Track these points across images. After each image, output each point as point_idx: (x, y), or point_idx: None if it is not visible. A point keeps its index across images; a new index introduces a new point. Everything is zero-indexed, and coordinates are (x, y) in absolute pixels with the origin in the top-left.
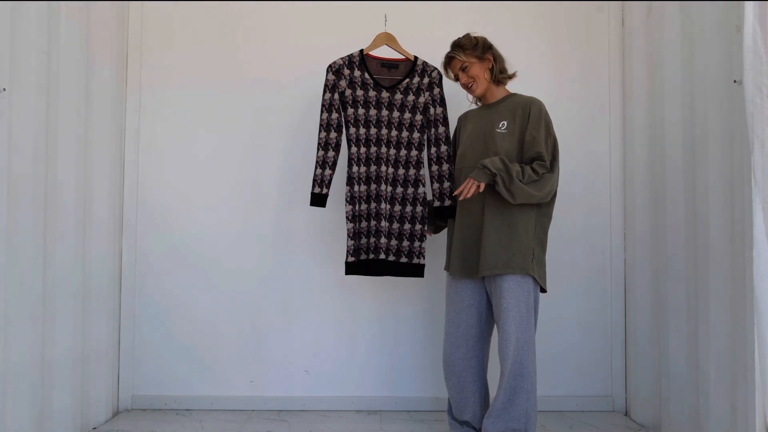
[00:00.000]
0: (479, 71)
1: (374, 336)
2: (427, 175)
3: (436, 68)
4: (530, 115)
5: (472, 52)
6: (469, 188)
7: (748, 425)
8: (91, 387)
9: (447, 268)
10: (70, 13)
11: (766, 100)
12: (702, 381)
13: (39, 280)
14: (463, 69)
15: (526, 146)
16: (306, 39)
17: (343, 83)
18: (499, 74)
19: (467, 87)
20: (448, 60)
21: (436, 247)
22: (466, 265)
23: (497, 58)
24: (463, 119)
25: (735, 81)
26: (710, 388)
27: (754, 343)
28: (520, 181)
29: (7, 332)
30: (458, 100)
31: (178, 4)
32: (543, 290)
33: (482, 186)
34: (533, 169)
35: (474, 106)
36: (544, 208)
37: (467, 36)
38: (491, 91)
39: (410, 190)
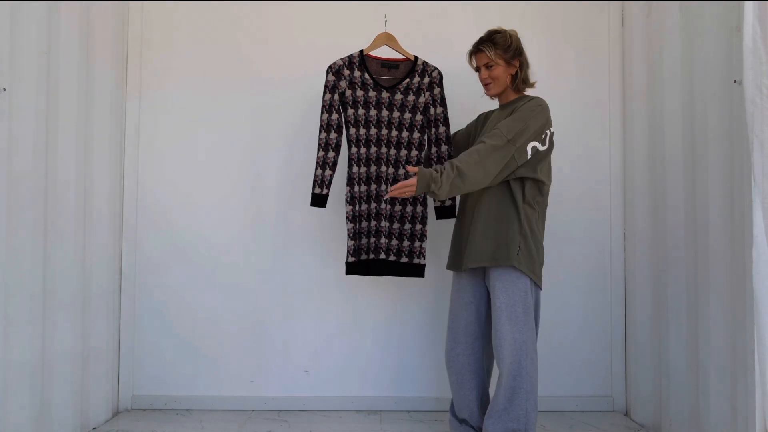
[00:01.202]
0: (502, 74)
1: (375, 336)
2: None
3: (436, 68)
4: (520, 107)
5: (503, 53)
6: (400, 191)
7: (748, 425)
8: (91, 387)
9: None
10: (69, 13)
11: (766, 100)
12: (702, 381)
13: (39, 280)
14: (488, 66)
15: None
16: (306, 39)
17: (343, 84)
18: (521, 83)
19: (484, 84)
20: (476, 50)
21: (437, 247)
22: (458, 260)
23: (523, 66)
24: (483, 118)
25: (735, 81)
26: (710, 388)
27: (754, 343)
28: (459, 176)
29: (7, 332)
30: (459, 100)
31: (179, 3)
32: (538, 286)
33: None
34: (472, 150)
35: (486, 98)
36: (528, 205)
37: (504, 34)
38: (507, 93)
39: None
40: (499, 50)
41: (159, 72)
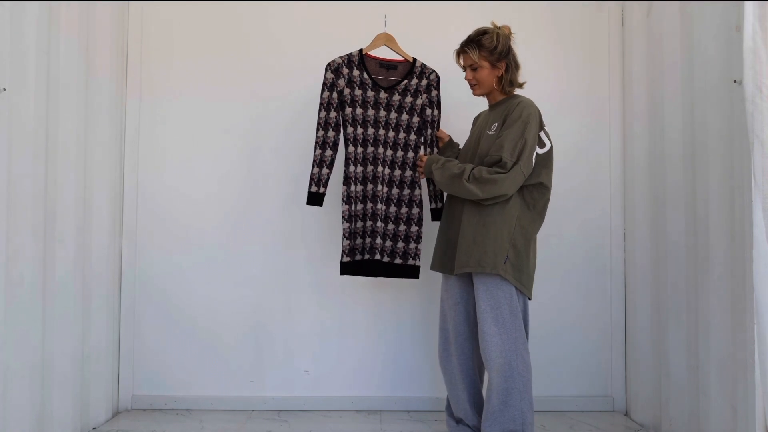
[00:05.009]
0: (487, 77)
1: (374, 336)
2: None
3: (434, 71)
4: (510, 115)
5: (488, 55)
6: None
7: (748, 425)
8: (91, 387)
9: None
10: (70, 14)
11: (766, 100)
12: (702, 381)
13: (39, 280)
14: (473, 68)
15: (494, 146)
16: (306, 40)
17: (341, 82)
18: (508, 85)
19: (470, 85)
20: (462, 51)
21: (433, 249)
22: (444, 262)
23: (510, 68)
24: (475, 120)
25: (735, 81)
26: (710, 388)
27: (754, 343)
28: (465, 179)
29: (7, 332)
30: (458, 101)
31: (179, 4)
32: (528, 297)
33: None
34: (492, 171)
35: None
36: (526, 211)
37: (491, 34)
38: (494, 94)
39: (406, 191)
40: (484, 52)
41: (159, 71)
